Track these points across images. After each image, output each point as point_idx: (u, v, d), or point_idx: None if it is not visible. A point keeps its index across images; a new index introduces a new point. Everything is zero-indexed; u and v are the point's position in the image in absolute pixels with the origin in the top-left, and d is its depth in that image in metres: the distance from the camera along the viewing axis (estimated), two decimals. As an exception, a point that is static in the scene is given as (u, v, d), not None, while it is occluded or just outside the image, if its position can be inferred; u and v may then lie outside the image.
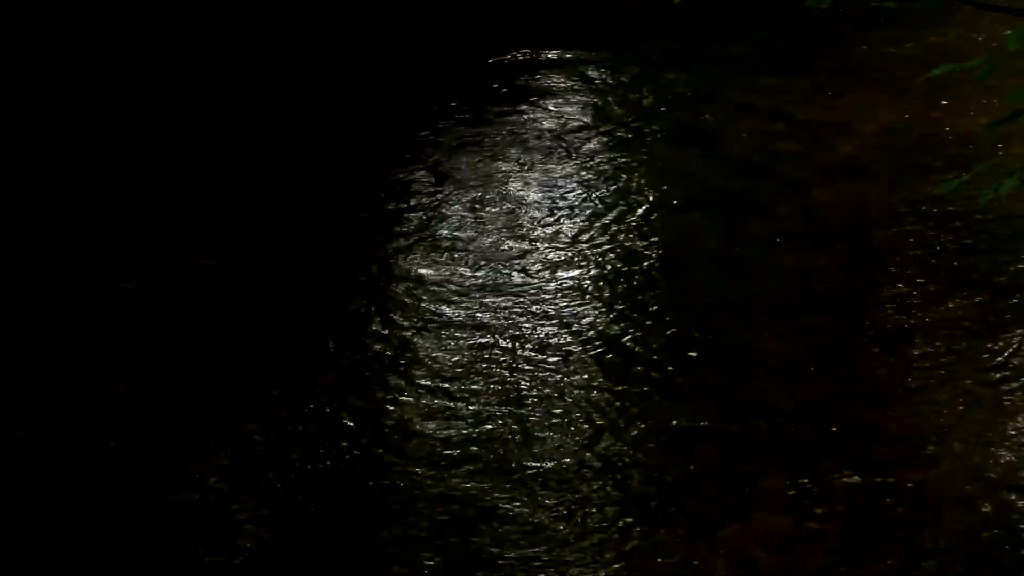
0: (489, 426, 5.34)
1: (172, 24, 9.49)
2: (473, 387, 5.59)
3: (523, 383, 5.60)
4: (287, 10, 9.82)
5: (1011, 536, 4.64)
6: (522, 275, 6.43)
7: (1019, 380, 5.46)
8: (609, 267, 6.50)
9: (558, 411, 5.41)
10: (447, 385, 5.61)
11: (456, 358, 5.79)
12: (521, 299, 6.22)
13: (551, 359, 5.76)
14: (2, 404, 5.58)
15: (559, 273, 6.44)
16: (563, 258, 6.57)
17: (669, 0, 9.00)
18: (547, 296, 6.24)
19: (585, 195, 7.23)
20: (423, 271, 6.52)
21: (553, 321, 6.04)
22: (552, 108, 8.42)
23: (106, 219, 7.09)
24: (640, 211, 7.05)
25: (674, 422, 5.34)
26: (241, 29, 9.60)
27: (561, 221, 6.94)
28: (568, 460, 5.13)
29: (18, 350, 5.97)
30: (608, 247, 6.67)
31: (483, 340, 5.91)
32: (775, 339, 5.86)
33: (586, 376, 5.64)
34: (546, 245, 6.70)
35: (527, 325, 6.01)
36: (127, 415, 5.49)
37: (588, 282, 6.36)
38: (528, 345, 5.86)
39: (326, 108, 8.53)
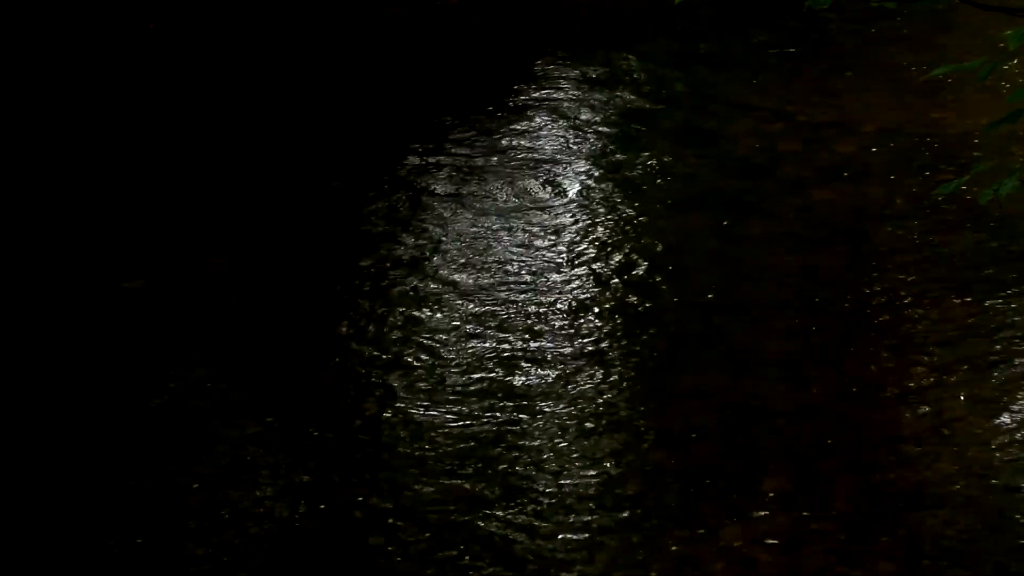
0: (488, 428, 5.34)
1: (173, 25, 9.49)
2: (472, 389, 5.59)
3: (522, 384, 5.61)
4: (288, 11, 9.82)
5: (1011, 536, 4.64)
6: (521, 275, 6.43)
7: (1019, 380, 5.46)
8: (609, 266, 6.50)
9: (557, 412, 5.41)
10: (446, 387, 5.61)
11: (455, 359, 5.80)
12: (521, 299, 6.22)
13: (550, 360, 5.76)
14: (3, 403, 5.59)
15: (558, 273, 6.44)
16: (562, 259, 6.57)
17: (669, 1, 8.99)
18: (546, 296, 6.25)
19: (585, 195, 7.23)
20: (423, 272, 6.52)
21: (552, 321, 6.04)
22: (552, 108, 8.41)
23: (108, 219, 7.10)
24: (640, 211, 7.05)
25: (674, 422, 5.34)
26: (242, 30, 9.60)
27: (560, 222, 6.94)
28: (567, 461, 5.13)
29: (20, 350, 5.98)
30: (608, 247, 6.67)
31: (482, 342, 5.91)
32: (775, 339, 5.86)
33: (585, 376, 5.64)
34: (545, 245, 6.70)
35: (526, 325, 6.01)
36: (127, 414, 5.50)
37: (587, 282, 6.36)
38: (527, 346, 5.87)
39: (327, 109, 8.52)
